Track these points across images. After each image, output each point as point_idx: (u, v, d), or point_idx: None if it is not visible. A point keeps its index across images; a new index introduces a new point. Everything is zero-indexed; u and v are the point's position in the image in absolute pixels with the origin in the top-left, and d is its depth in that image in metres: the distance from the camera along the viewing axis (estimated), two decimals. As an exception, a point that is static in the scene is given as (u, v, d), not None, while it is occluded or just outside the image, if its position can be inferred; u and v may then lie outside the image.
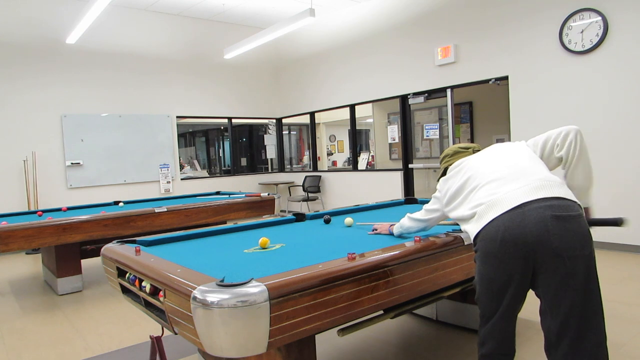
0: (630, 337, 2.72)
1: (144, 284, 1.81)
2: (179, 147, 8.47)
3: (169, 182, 7.97)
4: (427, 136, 7.11)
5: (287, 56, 9.22)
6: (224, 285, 1.39)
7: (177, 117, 8.18)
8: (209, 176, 10.41)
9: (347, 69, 7.94)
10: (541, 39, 5.28)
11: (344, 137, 13.48)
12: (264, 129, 11.39)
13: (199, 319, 1.37)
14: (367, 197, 7.38)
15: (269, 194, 5.04)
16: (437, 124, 7.32)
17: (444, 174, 1.99)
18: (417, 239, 2.00)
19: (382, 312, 1.96)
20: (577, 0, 4.92)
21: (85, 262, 4.77)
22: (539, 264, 1.52)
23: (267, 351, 1.41)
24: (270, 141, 9.73)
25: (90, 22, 5.91)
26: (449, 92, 6.41)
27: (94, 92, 7.24)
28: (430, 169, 7.56)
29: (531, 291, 1.62)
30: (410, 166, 7.23)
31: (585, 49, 4.91)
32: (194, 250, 2.26)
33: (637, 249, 4.70)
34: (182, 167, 9.22)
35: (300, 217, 3.06)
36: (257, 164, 12.83)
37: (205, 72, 8.49)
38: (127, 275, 1.98)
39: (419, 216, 2.08)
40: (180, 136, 8.76)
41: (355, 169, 8.30)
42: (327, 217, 2.94)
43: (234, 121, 9.13)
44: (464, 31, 6.10)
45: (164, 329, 1.93)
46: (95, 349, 2.94)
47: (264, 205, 4.98)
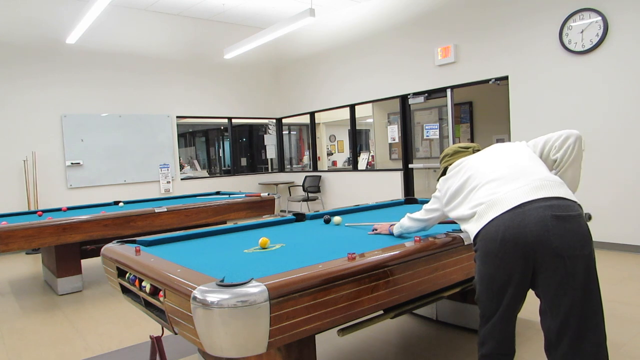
0: (630, 337, 2.72)
1: (144, 284, 1.81)
2: (179, 147, 8.47)
3: (169, 182, 7.97)
4: (427, 136, 7.11)
5: (287, 56, 9.21)
6: (224, 285, 1.39)
7: (177, 117, 8.19)
8: (209, 176, 10.41)
9: (347, 69, 7.94)
10: (541, 39, 5.28)
11: (344, 137, 13.48)
12: (264, 129, 11.38)
13: (199, 319, 1.37)
14: (367, 197, 7.38)
15: (269, 194, 5.04)
16: (437, 124, 7.32)
17: (444, 174, 1.99)
18: (417, 239, 2.00)
19: (382, 312, 1.97)
20: (577, 0, 4.92)
21: (85, 262, 4.77)
22: (539, 264, 1.52)
23: (267, 351, 1.41)
24: (270, 141, 9.73)
25: (90, 22, 5.90)
26: (449, 92, 6.41)
27: (94, 92, 7.24)
28: (430, 169, 7.56)
29: (531, 291, 1.62)
30: (410, 166, 7.23)
31: (585, 49, 4.91)
32: (194, 250, 2.26)
33: (637, 249, 4.70)
34: (182, 167, 9.22)
35: (300, 217, 3.06)
36: (257, 164, 12.83)
37: (205, 72, 8.49)
38: (127, 275, 1.98)
39: (418, 216, 2.08)
40: (180, 136, 8.76)
41: (355, 169, 8.30)
42: (327, 217, 2.94)
43: (234, 121, 9.13)
44: (464, 31, 6.10)
45: (164, 329, 1.93)
46: (95, 349, 2.94)
47: (264, 205, 4.98)
